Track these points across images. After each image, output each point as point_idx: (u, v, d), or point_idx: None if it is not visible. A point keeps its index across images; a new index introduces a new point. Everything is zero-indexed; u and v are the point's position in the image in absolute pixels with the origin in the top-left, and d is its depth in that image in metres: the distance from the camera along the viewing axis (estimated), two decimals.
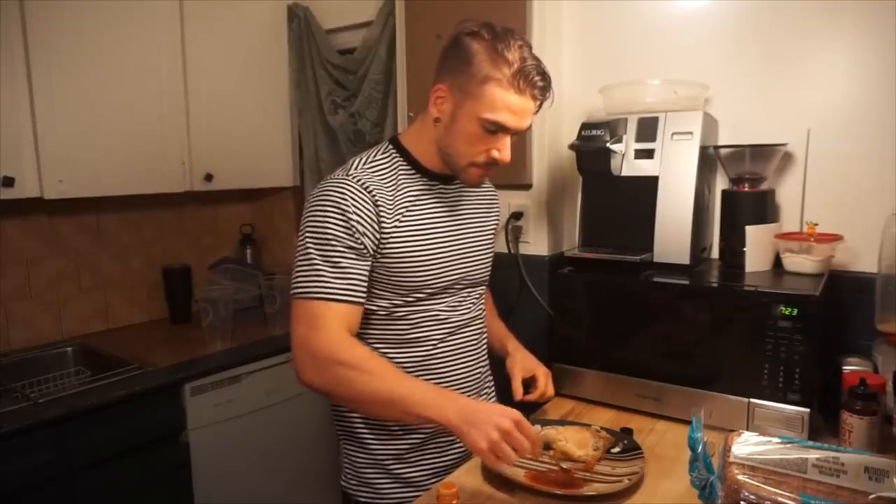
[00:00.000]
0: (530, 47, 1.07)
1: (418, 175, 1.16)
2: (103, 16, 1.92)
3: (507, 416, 0.94)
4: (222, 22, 2.25)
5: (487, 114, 1.04)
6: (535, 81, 1.04)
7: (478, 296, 1.27)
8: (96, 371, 1.85)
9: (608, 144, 1.42)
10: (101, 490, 1.67)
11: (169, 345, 2.13)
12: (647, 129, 1.45)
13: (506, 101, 1.04)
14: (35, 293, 2.10)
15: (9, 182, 1.73)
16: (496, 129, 1.06)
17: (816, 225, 1.39)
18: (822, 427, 1.25)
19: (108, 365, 1.88)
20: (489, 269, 1.30)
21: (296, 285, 1.05)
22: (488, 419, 0.92)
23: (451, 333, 1.20)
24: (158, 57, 2.07)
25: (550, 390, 1.30)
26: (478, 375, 1.27)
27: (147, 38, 2.03)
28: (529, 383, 1.30)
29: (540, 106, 1.10)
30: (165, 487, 1.82)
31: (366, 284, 1.08)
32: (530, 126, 1.11)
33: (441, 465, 1.22)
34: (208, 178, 2.23)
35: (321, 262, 1.04)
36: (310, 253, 1.05)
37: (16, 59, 1.75)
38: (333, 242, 1.05)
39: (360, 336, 1.15)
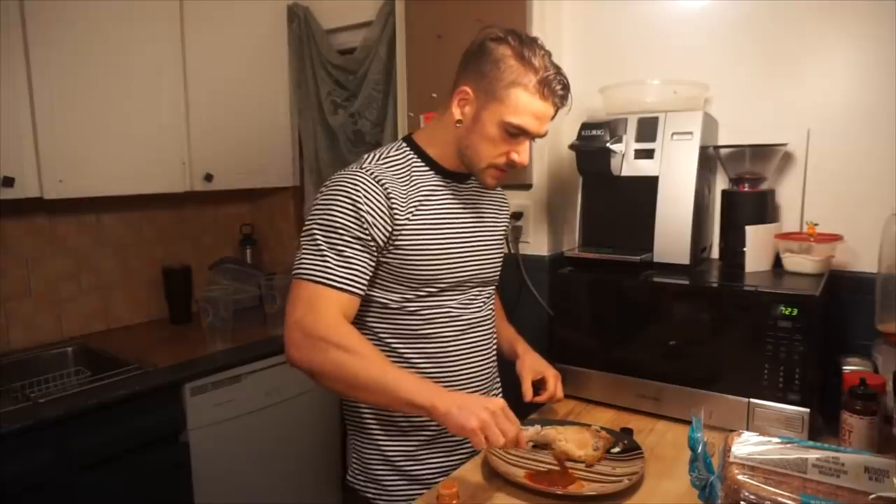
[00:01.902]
0: (551, 55, 1.11)
1: (432, 172, 1.18)
2: (103, 16, 1.92)
3: (494, 402, 0.97)
4: (222, 22, 2.25)
5: (511, 117, 1.08)
6: (557, 90, 1.09)
7: (488, 295, 1.28)
8: (96, 371, 1.85)
9: (608, 144, 1.42)
10: (101, 490, 1.67)
11: (169, 345, 2.13)
12: (647, 129, 1.45)
13: (530, 107, 1.08)
14: (35, 293, 2.10)
15: (9, 182, 1.73)
16: (518, 132, 1.09)
17: (816, 225, 1.39)
18: (822, 427, 1.25)
19: (108, 365, 1.88)
20: (499, 269, 1.31)
21: (299, 266, 1.07)
22: (478, 402, 0.96)
23: (463, 331, 1.21)
24: (158, 57, 2.07)
25: (560, 392, 1.31)
26: (488, 374, 1.29)
27: (147, 38, 2.03)
28: (539, 385, 1.31)
29: (556, 112, 1.13)
30: (165, 487, 1.83)
31: (367, 276, 1.09)
32: (547, 132, 1.15)
33: (449, 464, 1.23)
34: (208, 178, 2.22)
35: (327, 249, 1.05)
36: (316, 238, 1.07)
37: (16, 59, 1.75)
38: (341, 231, 1.06)
39: (374, 329, 1.17)
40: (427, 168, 1.18)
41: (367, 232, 1.06)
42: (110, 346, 2.08)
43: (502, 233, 1.33)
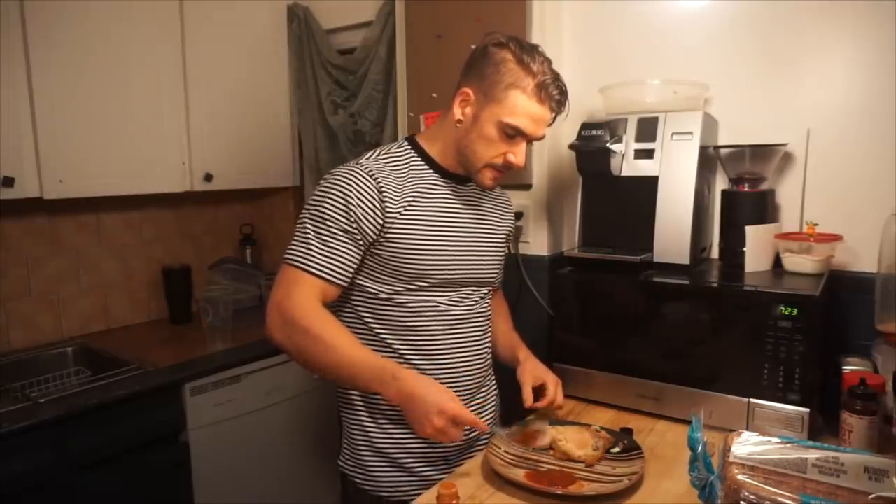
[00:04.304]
0: (551, 62, 1.14)
1: (431, 171, 1.20)
2: (103, 16, 1.92)
3: (443, 413, 1.03)
4: (222, 22, 2.25)
5: (509, 118, 1.11)
6: (554, 94, 1.13)
7: (482, 294, 1.29)
8: (96, 371, 1.85)
9: (608, 144, 1.42)
10: (101, 490, 1.67)
11: (169, 345, 2.13)
12: (647, 129, 1.45)
13: (527, 109, 1.11)
14: (35, 293, 2.10)
15: (9, 182, 1.73)
16: (515, 133, 1.13)
17: (816, 225, 1.39)
18: (822, 427, 1.25)
19: (108, 365, 1.88)
20: (497, 271, 1.33)
21: (287, 251, 1.13)
22: (426, 416, 1.03)
23: (452, 326, 1.22)
24: (158, 57, 2.07)
25: (560, 398, 1.30)
26: (479, 368, 1.29)
27: (147, 38, 2.03)
28: (539, 391, 1.31)
29: (555, 117, 1.16)
30: (165, 487, 1.83)
31: (350, 268, 1.13)
32: (544, 136, 1.17)
33: (434, 454, 1.24)
34: (208, 178, 2.23)
35: (314, 238, 1.11)
36: (306, 227, 1.12)
37: (16, 59, 1.75)
38: (329, 223, 1.10)
39: (366, 321, 1.19)
40: (426, 167, 1.20)
41: (354, 226, 1.10)
42: (110, 346, 2.07)
43: (504, 235, 1.34)
